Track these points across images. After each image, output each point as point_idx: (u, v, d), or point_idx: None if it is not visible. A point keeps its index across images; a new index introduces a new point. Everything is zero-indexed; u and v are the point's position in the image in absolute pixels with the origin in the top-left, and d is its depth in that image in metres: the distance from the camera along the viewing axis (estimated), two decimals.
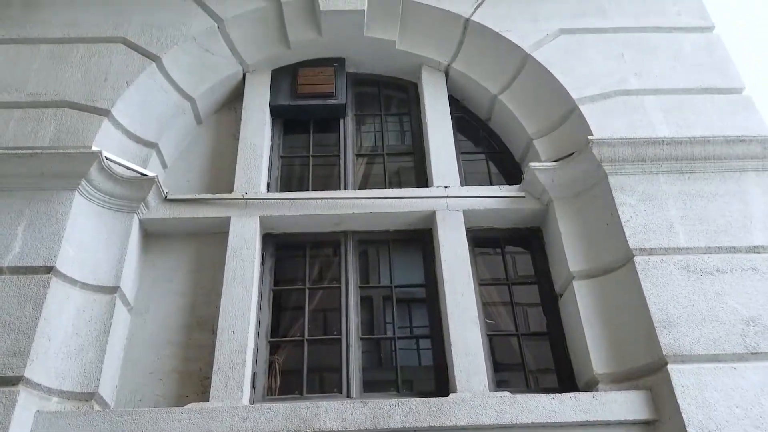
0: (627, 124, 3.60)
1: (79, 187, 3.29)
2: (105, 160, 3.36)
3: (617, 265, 3.16)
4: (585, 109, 3.67)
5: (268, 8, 4.22)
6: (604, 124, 3.59)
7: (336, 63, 4.44)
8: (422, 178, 4.00)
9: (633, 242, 3.13)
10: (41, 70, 3.79)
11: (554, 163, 3.57)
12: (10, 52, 3.87)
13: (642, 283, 2.98)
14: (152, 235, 3.62)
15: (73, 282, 3.10)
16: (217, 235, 3.58)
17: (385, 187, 4.01)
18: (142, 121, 3.79)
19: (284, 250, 3.75)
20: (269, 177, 3.95)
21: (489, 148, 4.24)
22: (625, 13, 4.14)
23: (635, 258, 3.07)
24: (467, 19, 4.17)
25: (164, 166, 3.92)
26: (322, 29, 4.26)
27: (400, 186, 4.09)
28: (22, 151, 3.33)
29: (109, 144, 3.54)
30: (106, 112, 3.61)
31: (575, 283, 3.22)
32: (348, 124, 4.32)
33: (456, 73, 4.29)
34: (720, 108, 3.68)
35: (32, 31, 3.99)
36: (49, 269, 3.02)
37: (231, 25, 4.13)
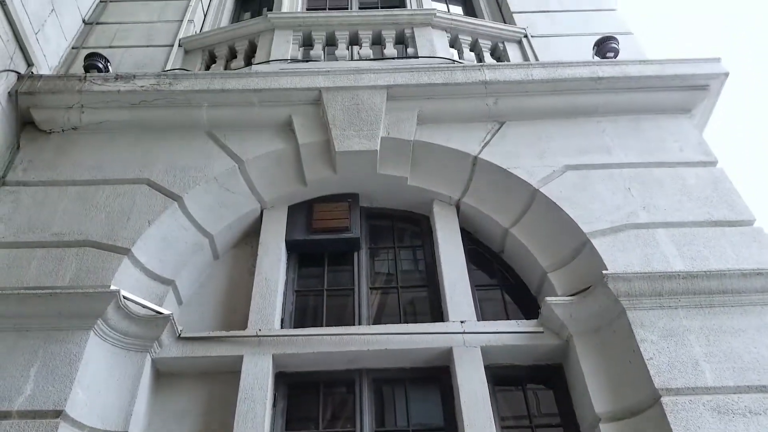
0: (641, 257, 3.61)
1: (95, 326, 3.28)
2: (122, 299, 3.38)
3: (644, 406, 3.03)
4: (597, 243, 3.70)
5: (286, 149, 4.43)
6: (618, 257, 3.61)
7: (350, 198, 4.59)
8: (437, 312, 3.96)
9: (658, 381, 3.02)
10: (67, 210, 3.92)
11: (571, 298, 3.55)
12: (39, 194, 4.03)
13: (672, 427, 2.82)
14: (164, 375, 3.55)
15: (81, 427, 3.01)
16: (229, 373, 3.50)
17: (400, 321, 3.97)
18: (161, 259, 3.85)
19: (297, 389, 3.64)
20: (283, 312, 3.93)
21: (503, 281, 4.24)
22: (628, 149, 4.30)
23: (662, 399, 2.94)
24: (475, 157, 4.33)
25: (179, 302, 3.93)
26: (337, 168, 4.43)
27: (415, 318, 4.05)
28: (41, 291, 3.37)
29: (126, 282, 3.58)
30: (126, 251, 3.68)
31: (602, 427, 3.06)
32: (362, 257, 4.37)
33: (467, 207, 4.39)
34: (732, 241, 3.70)
35: (62, 173, 4.18)
36: (58, 413, 2.94)
37: (251, 165, 4.31)
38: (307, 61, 5.36)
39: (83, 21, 5.83)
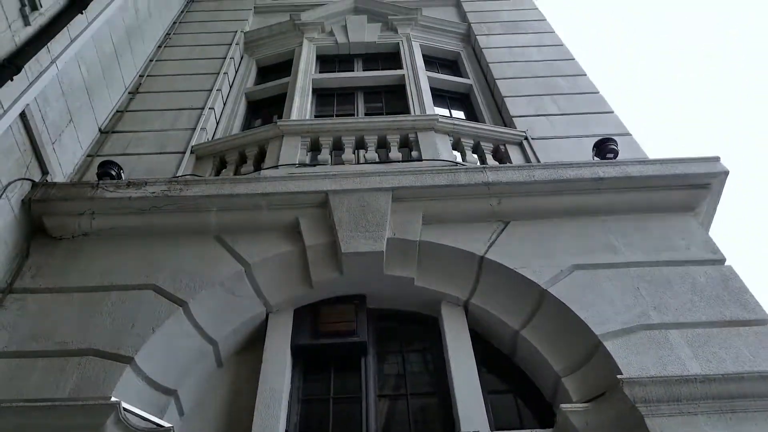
0: (655, 360, 3.52)
1: None
2: (122, 411, 3.28)
3: None
4: (610, 345, 3.62)
5: (292, 252, 4.45)
6: (632, 360, 3.52)
7: (357, 300, 4.56)
8: (449, 421, 3.80)
9: None
10: (72, 318, 3.89)
11: (587, 404, 3.41)
12: (45, 301, 4.02)
13: None
14: None
15: None
16: None
17: None
18: (164, 368, 3.77)
19: None
20: (288, 423, 3.79)
21: (516, 386, 4.10)
22: (635, 248, 4.29)
23: None
24: (481, 257, 4.32)
25: (181, 413, 3.81)
26: (344, 269, 4.43)
27: (425, 428, 3.90)
28: (41, 404, 3.28)
29: (128, 393, 3.48)
30: (129, 360, 3.62)
31: None
32: (369, 362, 4.27)
33: (475, 308, 4.34)
34: (747, 341, 3.61)
35: (69, 280, 4.19)
36: None
37: (257, 268, 4.32)
38: (314, 165, 5.49)
39: (99, 130, 6.06)
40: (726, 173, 4.58)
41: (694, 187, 4.58)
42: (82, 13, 5.55)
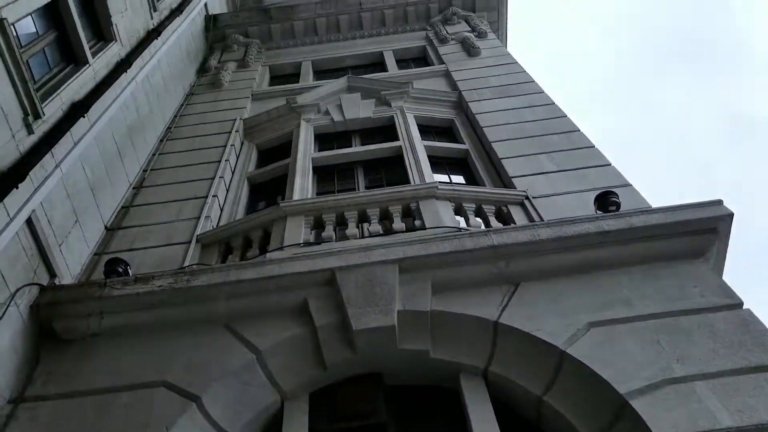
0: (685, 415, 3.39)
1: None
2: None
3: None
4: (637, 404, 3.50)
5: (303, 334, 4.39)
6: (661, 418, 3.39)
7: (373, 378, 4.46)
8: None
9: None
10: (84, 423, 3.83)
11: None
12: (56, 408, 3.96)
13: None
14: None
15: None
16: None
17: None
18: None
19: None
20: None
21: None
22: (649, 300, 4.22)
23: None
24: (495, 322, 4.25)
25: None
26: (357, 347, 4.35)
27: None
28: None
29: None
30: None
31: None
32: None
33: (495, 376, 4.23)
34: None
35: (80, 383, 4.14)
36: None
37: (269, 354, 4.25)
38: (319, 243, 5.50)
39: (105, 227, 6.14)
40: (730, 216, 4.55)
41: (700, 232, 4.54)
42: (84, 117, 5.75)
